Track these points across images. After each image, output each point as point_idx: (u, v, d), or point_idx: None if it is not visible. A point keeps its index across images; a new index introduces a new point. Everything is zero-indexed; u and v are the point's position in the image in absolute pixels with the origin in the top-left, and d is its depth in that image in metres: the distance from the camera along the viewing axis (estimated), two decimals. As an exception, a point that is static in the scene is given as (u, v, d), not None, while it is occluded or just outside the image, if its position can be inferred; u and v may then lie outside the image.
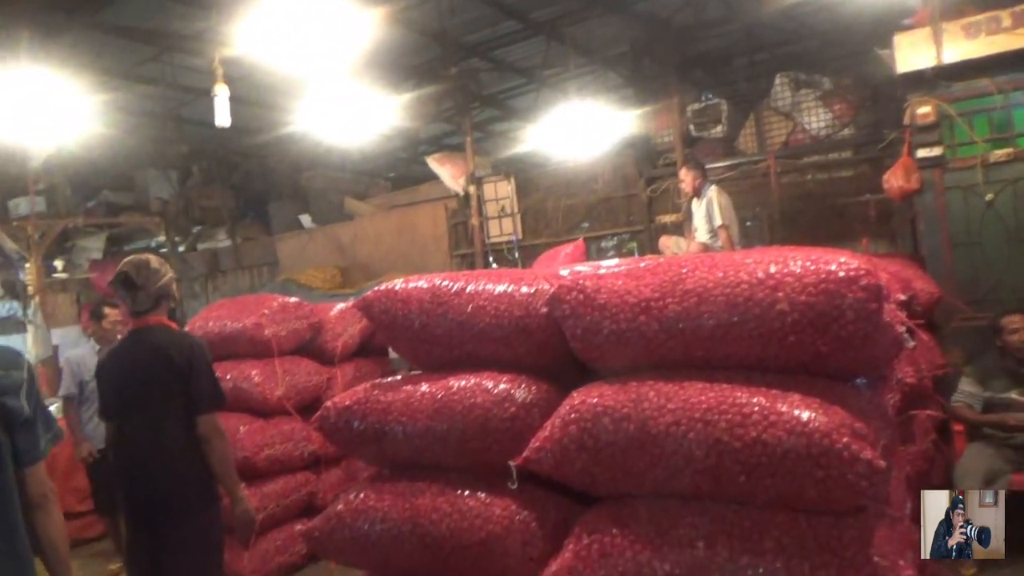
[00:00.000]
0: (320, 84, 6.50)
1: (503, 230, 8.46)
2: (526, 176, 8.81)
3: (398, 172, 14.12)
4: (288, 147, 11.17)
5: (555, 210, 8.38)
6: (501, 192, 8.50)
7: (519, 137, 10.02)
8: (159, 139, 10.08)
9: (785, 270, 2.12)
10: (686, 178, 6.16)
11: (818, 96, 7.14)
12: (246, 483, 4.47)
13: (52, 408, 6.02)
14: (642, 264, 2.45)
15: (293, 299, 5.04)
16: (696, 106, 7.75)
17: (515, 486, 2.35)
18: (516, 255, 8.32)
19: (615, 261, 2.67)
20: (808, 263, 2.11)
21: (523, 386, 2.48)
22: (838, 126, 7.06)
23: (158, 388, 2.91)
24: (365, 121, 7.48)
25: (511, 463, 2.34)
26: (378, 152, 12.56)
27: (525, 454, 2.30)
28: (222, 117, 5.34)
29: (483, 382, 2.52)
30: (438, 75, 8.74)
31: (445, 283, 2.75)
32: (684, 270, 2.28)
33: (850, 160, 6.95)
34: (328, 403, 2.80)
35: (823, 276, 2.06)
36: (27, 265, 8.34)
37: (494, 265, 8.28)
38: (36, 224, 8.13)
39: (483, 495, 2.43)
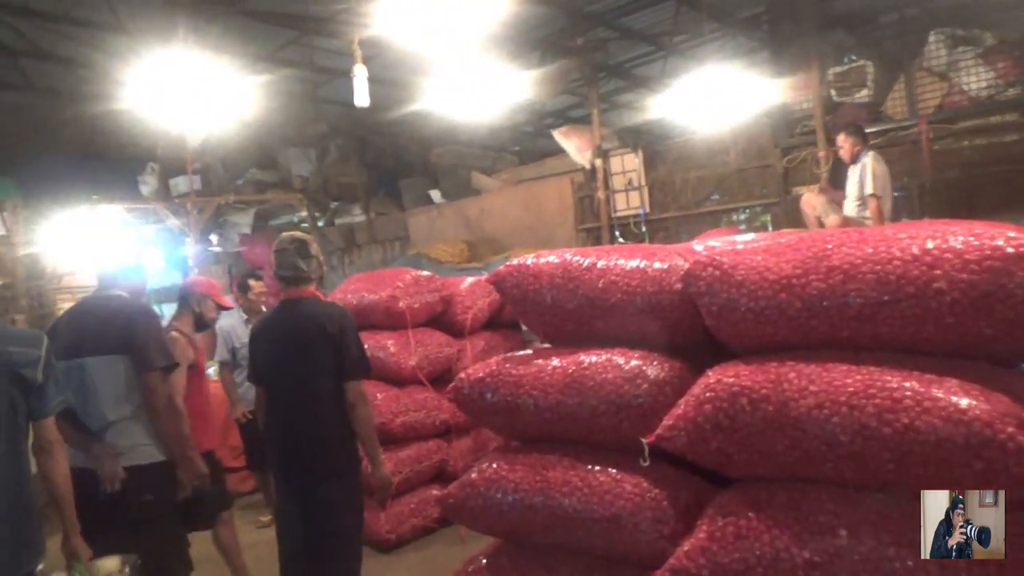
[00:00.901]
0: (449, 60, 6.62)
1: (630, 204, 8.34)
2: (654, 148, 8.63)
3: (523, 146, 14.19)
4: (418, 124, 11.48)
5: (684, 182, 8.16)
6: (628, 165, 8.37)
7: (646, 107, 9.81)
8: (299, 119, 10.62)
9: (944, 245, 1.97)
10: (844, 144, 5.82)
11: (978, 53, 6.53)
12: (382, 448, 4.71)
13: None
14: (782, 239, 2.35)
15: (425, 272, 5.21)
16: (838, 69, 7.29)
17: (647, 463, 2.34)
18: (643, 229, 8.19)
19: (751, 235, 2.58)
20: (970, 238, 1.95)
21: (655, 363, 2.46)
22: (1002, 86, 6.44)
23: (312, 355, 3.09)
24: (492, 96, 7.55)
25: (643, 440, 2.33)
26: (504, 127, 12.68)
27: (657, 432, 2.29)
28: (361, 97, 5.55)
29: (614, 358, 2.52)
30: (564, 46, 8.68)
31: (576, 258, 2.76)
32: (829, 246, 2.17)
33: (1015, 123, 6.33)
34: (462, 374, 2.88)
35: (987, 252, 1.91)
36: (187, 239, 9.07)
37: (620, 239, 8.20)
38: (194, 201, 8.81)
39: (613, 471, 2.44)
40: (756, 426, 2.10)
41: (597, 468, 2.47)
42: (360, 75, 5.47)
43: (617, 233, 8.35)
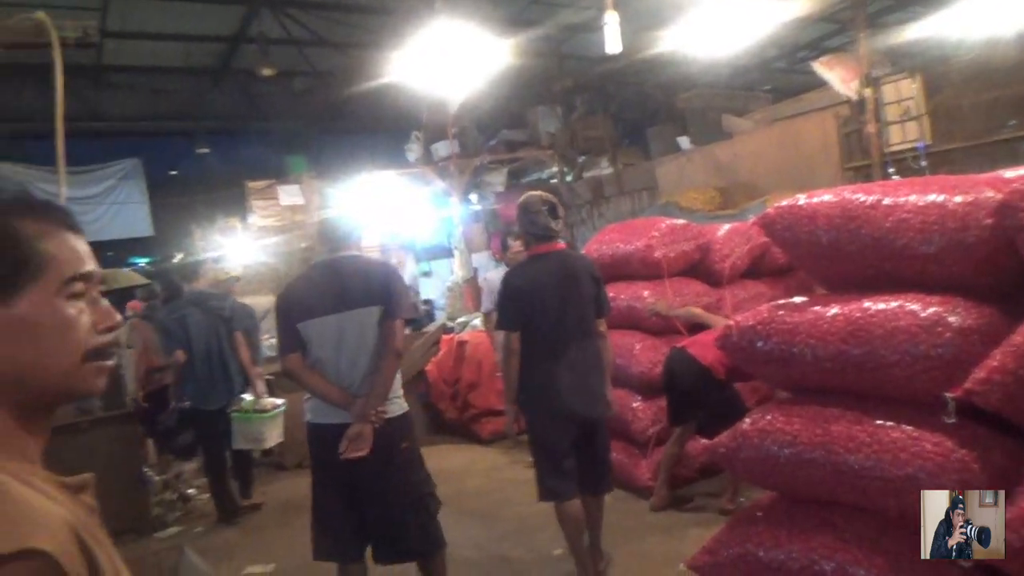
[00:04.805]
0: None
1: (906, 136, 7.43)
2: (934, 71, 7.57)
3: (775, 84, 13.26)
4: (663, 71, 11.18)
5: (974, 107, 7.08)
6: (904, 92, 7.43)
7: (922, 26, 8.62)
8: (545, 77, 10.84)
9: None
10: None
11: None
12: (642, 397, 4.76)
13: (477, 322, 7.05)
14: None
15: (680, 221, 5.10)
16: None
17: (952, 420, 2.10)
18: (923, 163, 7.27)
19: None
20: None
21: (959, 309, 2.18)
22: None
23: (586, 297, 3.51)
24: (741, 33, 7.09)
25: (947, 396, 2.09)
26: (753, 65, 11.93)
27: (967, 386, 2.03)
28: (612, 44, 5.49)
29: (907, 304, 2.28)
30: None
31: (857, 196, 2.52)
32: None
33: None
34: (731, 322, 2.79)
35: None
36: (451, 199, 9.75)
37: (895, 177, 7.36)
38: (455, 163, 9.43)
39: (908, 427, 2.22)
40: (1101, 381, 1.79)
41: (888, 423, 2.27)
42: (611, 22, 5.40)
43: (891, 170, 7.50)
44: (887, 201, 2.43)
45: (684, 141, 9.93)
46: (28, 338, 0.90)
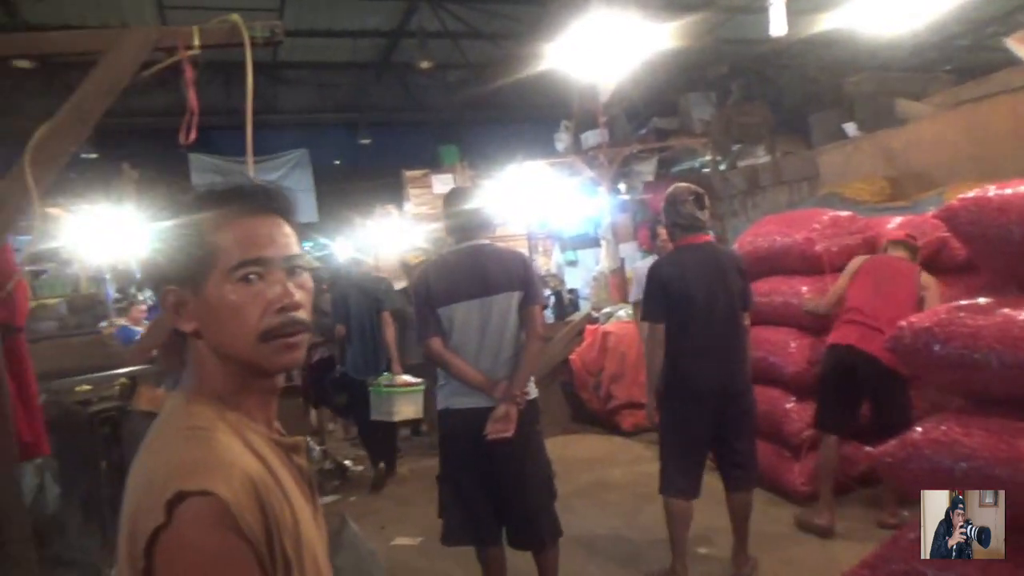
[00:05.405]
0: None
1: (1119, 118, 6.57)
2: None
3: (957, 64, 12.16)
4: (828, 52, 10.53)
5: None
6: (1118, 68, 6.57)
7: None
8: (699, 63, 10.51)
9: None
10: None
11: None
12: (796, 397, 4.54)
13: (622, 312, 6.99)
14: None
15: (845, 213, 4.79)
16: None
17: None
18: None
19: None
20: None
21: None
22: None
23: (734, 289, 3.49)
24: (920, 9, 6.50)
25: None
26: (930, 44, 10.98)
27: None
28: (778, 25, 5.23)
29: (1119, 310, 2.03)
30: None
31: (1059, 187, 2.27)
32: None
33: None
34: (903, 322, 2.59)
35: None
36: (599, 188, 9.69)
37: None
38: (604, 153, 9.37)
39: (1115, 448, 1.98)
40: None
41: (1090, 442, 2.03)
42: (777, 2, 5.13)
43: (1100, 158, 6.65)
44: (1093, 193, 2.17)
45: (851, 127, 9.30)
46: (213, 321, 1.00)
